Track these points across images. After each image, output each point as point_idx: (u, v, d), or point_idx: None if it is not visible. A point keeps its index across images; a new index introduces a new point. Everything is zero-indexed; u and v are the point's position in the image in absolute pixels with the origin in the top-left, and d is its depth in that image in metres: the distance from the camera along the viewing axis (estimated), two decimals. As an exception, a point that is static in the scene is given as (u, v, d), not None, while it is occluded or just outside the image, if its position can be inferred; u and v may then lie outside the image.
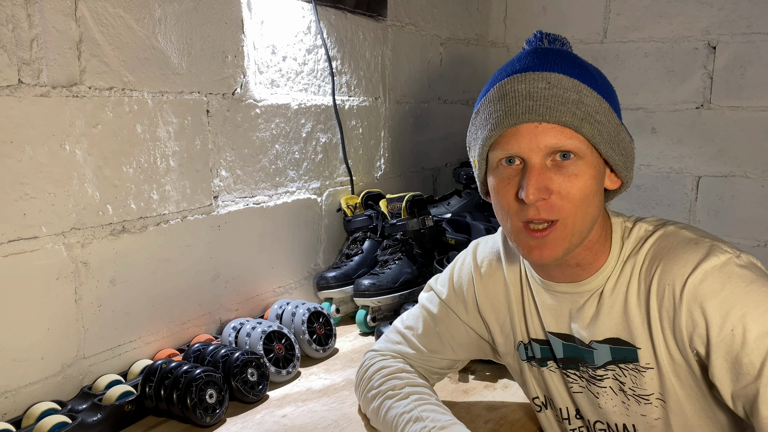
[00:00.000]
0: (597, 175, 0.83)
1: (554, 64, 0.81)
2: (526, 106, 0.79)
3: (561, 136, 0.79)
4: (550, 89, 0.79)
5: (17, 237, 1.00)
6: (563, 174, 0.80)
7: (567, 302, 0.92)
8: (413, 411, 0.93)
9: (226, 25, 1.33)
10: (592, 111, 0.80)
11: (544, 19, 2.29)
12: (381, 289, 1.49)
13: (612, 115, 0.82)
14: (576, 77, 0.80)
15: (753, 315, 0.76)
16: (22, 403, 1.02)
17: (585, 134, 0.80)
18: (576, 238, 0.83)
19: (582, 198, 0.81)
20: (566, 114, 0.79)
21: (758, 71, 1.96)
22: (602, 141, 0.81)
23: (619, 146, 0.84)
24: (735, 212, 2.05)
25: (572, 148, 0.80)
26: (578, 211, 0.81)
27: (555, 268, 0.92)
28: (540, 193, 0.80)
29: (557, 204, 0.81)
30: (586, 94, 0.80)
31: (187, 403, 1.03)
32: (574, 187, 0.81)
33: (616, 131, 0.83)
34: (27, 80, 0.99)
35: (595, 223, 0.86)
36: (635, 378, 0.88)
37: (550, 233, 0.82)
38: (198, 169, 1.30)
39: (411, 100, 2.03)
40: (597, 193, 0.84)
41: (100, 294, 1.13)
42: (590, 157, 0.81)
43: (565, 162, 0.80)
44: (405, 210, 1.59)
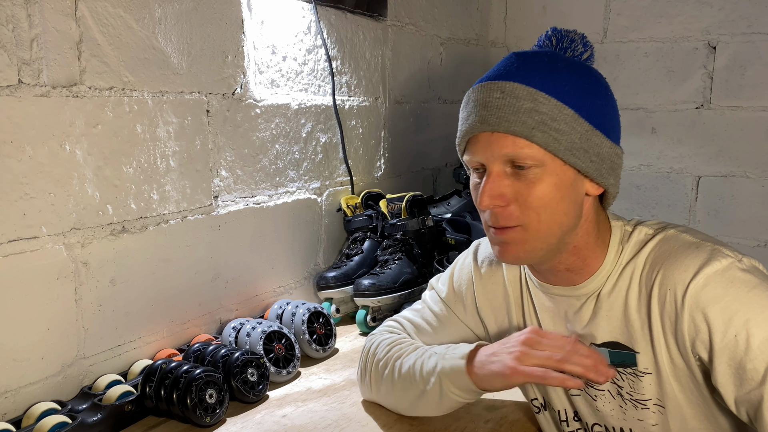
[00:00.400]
0: (560, 182, 0.82)
1: (516, 73, 0.82)
2: (480, 116, 0.82)
3: (513, 146, 0.80)
4: (503, 98, 0.80)
5: (17, 237, 1.00)
6: (522, 181, 0.81)
7: (564, 305, 0.92)
8: (425, 353, 0.95)
9: (226, 25, 1.33)
10: (547, 119, 0.79)
11: (544, 19, 2.29)
12: (381, 289, 1.49)
13: (577, 122, 0.80)
14: (534, 85, 0.80)
15: (756, 320, 0.76)
16: (22, 403, 1.02)
17: (538, 143, 0.79)
18: (541, 244, 0.84)
19: (542, 205, 0.81)
20: (516, 123, 0.79)
21: (758, 71, 1.96)
22: (560, 149, 0.80)
23: (587, 153, 0.81)
24: (735, 212, 2.05)
25: (525, 157, 0.80)
26: (539, 218, 0.82)
27: (548, 272, 0.92)
28: (493, 200, 0.82)
29: (515, 213, 0.82)
30: (543, 102, 0.79)
31: (187, 403, 1.03)
32: (530, 195, 0.81)
33: (584, 137, 0.81)
34: (27, 80, 0.99)
35: (575, 229, 0.85)
36: (633, 382, 0.88)
37: (509, 233, 0.84)
38: (198, 169, 1.30)
39: (411, 100, 2.03)
40: (564, 200, 0.83)
41: (100, 294, 1.13)
42: (551, 164, 0.81)
43: (522, 171, 0.81)
44: (405, 210, 1.59)
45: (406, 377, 0.96)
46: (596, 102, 0.83)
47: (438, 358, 0.92)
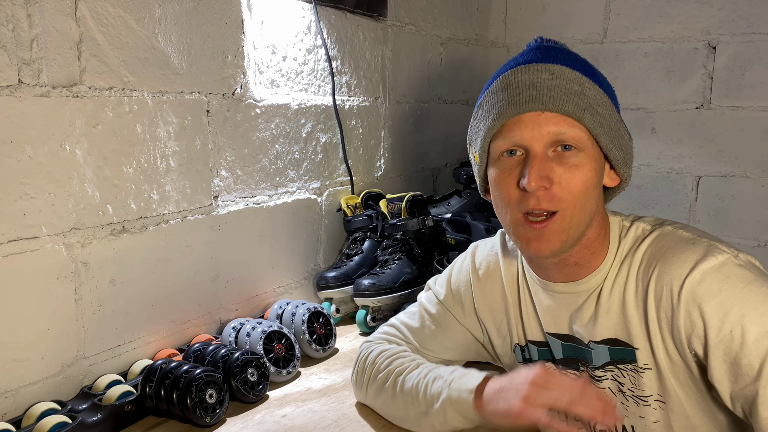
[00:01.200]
0: (597, 168, 0.84)
1: (558, 58, 0.83)
2: (529, 96, 0.81)
3: (563, 125, 0.81)
4: (553, 80, 0.81)
5: (17, 237, 1.00)
6: (564, 165, 0.81)
7: (565, 302, 0.92)
8: (429, 374, 0.94)
9: (226, 25, 1.33)
10: (593, 103, 0.81)
11: (544, 19, 2.29)
12: (381, 289, 1.49)
13: (612, 110, 0.84)
14: (578, 70, 0.82)
15: (752, 316, 0.76)
16: (22, 403, 1.02)
17: (586, 125, 0.81)
18: (573, 232, 0.84)
19: (582, 190, 0.82)
20: (569, 104, 0.80)
21: (758, 71, 1.96)
22: (603, 133, 0.82)
23: (619, 141, 0.85)
24: (735, 212, 2.05)
25: (574, 136, 0.81)
26: (577, 203, 0.82)
27: (553, 268, 0.92)
28: (542, 180, 0.81)
29: (558, 194, 0.81)
30: (588, 86, 0.81)
31: (187, 403, 1.03)
32: (574, 178, 0.81)
33: (617, 126, 0.85)
34: (27, 80, 0.99)
35: (593, 220, 0.87)
36: (634, 379, 0.88)
37: (548, 225, 0.83)
38: (198, 169, 1.30)
39: (411, 100, 2.03)
40: (596, 187, 0.85)
41: (100, 294, 1.13)
42: (591, 149, 0.83)
43: (566, 153, 0.82)
44: (405, 210, 1.59)
45: (408, 395, 0.95)
46: (615, 96, 0.87)
47: (443, 384, 0.90)
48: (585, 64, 0.85)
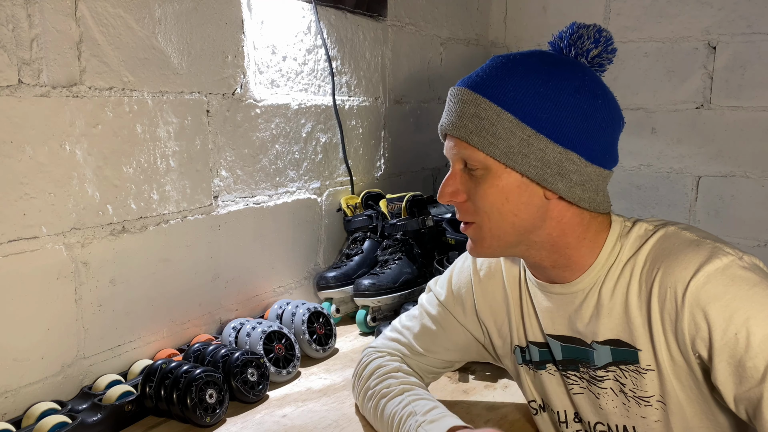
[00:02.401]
0: (504, 185, 0.85)
1: (475, 78, 0.87)
2: (443, 118, 0.90)
3: (460, 148, 0.86)
4: (456, 104, 0.87)
5: (17, 237, 1.00)
6: (473, 181, 0.87)
7: (562, 303, 0.92)
8: (407, 407, 0.95)
9: (226, 25, 1.33)
10: (486, 124, 0.83)
11: (544, 19, 2.29)
12: (381, 289, 1.49)
13: (517, 127, 0.82)
14: (481, 92, 0.85)
15: (757, 318, 0.76)
16: (22, 403, 1.02)
17: (475, 146, 0.84)
18: (496, 241, 0.88)
19: (488, 205, 0.86)
20: (460, 128, 0.85)
21: (758, 71, 1.96)
22: (497, 152, 0.83)
23: (526, 157, 0.82)
24: (735, 212, 2.05)
25: (470, 157, 0.85)
26: (491, 217, 0.86)
27: (538, 269, 0.93)
28: (450, 196, 0.89)
29: (468, 208, 0.88)
30: (484, 107, 0.84)
31: (187, 403, 1.03)
32: (477, 195, 0.86)
33: (525, 142, 0.82)
34: (27, 80, 0.99)
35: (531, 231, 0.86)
36: (636, 380, 0.88)
37: (467, 229, 0.90)
38: (198, 169, 1.30)
39: (411, 100, 2.03)
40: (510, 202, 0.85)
41: (100, 294, 1.13)
42: (494, 168, 0.85)
43: (472, 172, 0.86)
44: (405, 210, 1.59)
45: (386, 421, 0.97)
46: (549, 107, 0.82)
47: (414, 424, 0.91)
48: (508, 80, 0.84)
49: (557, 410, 1.00)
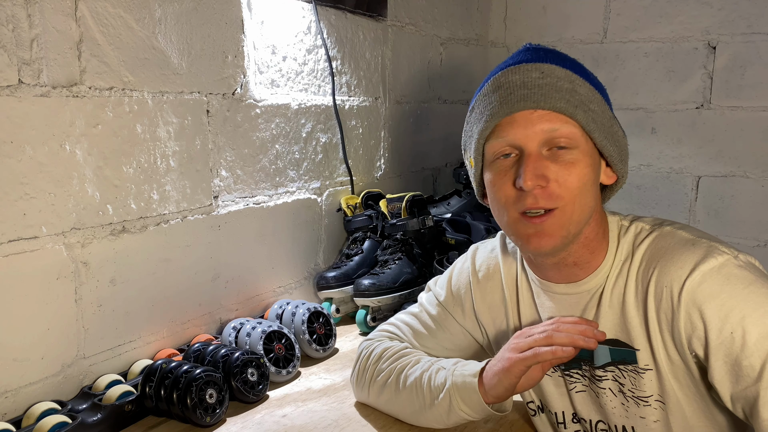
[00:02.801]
0: (593, 164, 0.84)
1: (547, 57, 0.84)
2: (520, 95, 0.82)
3: (556, 122, 0.81)
4: (543, 78, 0.82)
5: (17, 237, 1.00)
6: (559, 162, 0.82)
7: (566, 304, 0.92)
8: (432, 366, 0.96)
9: (227, 25, 1.33)
10: (585, 100, 0.82)
11: (544, 20, 2.29)
12: (381, 289, 1.49)
13: (605, 107, 0.85)
14: (570, 68, 0.83)
15: (753, 317, 0.76)
16: (22, 402, 1.02)
17: (579, 121, 0.82)
18: (573, 228, 0.84)
19: (579, 186, 0.82)
20: (560, 101, 0.81)
21: (758, 71, 1.96)
22: (596, 129, 0.83)
23: (613, 137, 0.85)
24: (735, 212, 2.05)
25: (567, 133, 0.82)
26: (576, 200, 0.82)
27: (553, 268, 0.91)
28: (537, 179, 0.81)
29: (555, 192, 0.82)
30: (579, 84, 0.83)
31: (187, 402, 1.03)
32: (571, 175, 0.82)
33: (610, 123, 0.85)
34: (27, 80, 0.99)
35: (592, 217, 0.87)
36: (634, 380, 0.88)
37: (547, 219, 0.83)
38: (198, 169, 1.30)
39: (411, 100, 2.03)
40: (594, 183, 0.85)
41: (100, 294, 1.13)
42: (585, 146, 0.83)
43: (560, 151, 0.82)
44: (405, 210, 1.59)
45: (411, 389, 0.96)
46: (607, 94, 0.87)
47: (447, 374, 0.93)
48: (575, 63, 0.86)
49: (555, 411, 1.00)
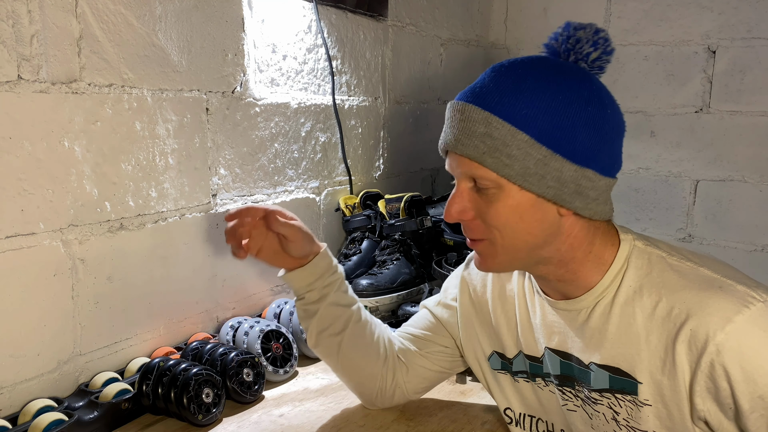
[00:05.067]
0: (518, 205, 0.81)
1: (479, 94, 0.81)
2: (445, 134, 0.85)
3: (470, 166, 0.82)
4: (462, 121, 0.82)
5: (15, 233, 1.00)
6: (483, 199, 0.83)
7: (567, 319, 0.89)
8: None
9: (227, 23, 1.33)
10: (499, 145, 0.79)
11: (544, 21, 2.30)
12: (379, 289, 1.48)
13: (533, 147, 0.78)
14: (491, 109, 0.79)
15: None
16: (18, 399, 1.02)
17: (489, 167, 0.80)
18: (509, 257, 0.85)
19: (501, 224, 0.82)
20: (469, 147, 0.80)
21: (758, 76, 1.97)
22: (512, 174, 0.79)
23: (543, 178, 0.79)
24: (733, 216, 2.05)
25: (482, 176, 0.81)
26: (503, 233, 0.83)
27: (544, 282, 0.91)
28: (458, 215, 0.85)
29: (478, 226, 0.85)
30: (496, 127, 0.79)
31: (183, 401, 1.03)
32: (489, 213, 0.82)
33: (542, 163, 0.79)
34: (26, 76, 0.99)
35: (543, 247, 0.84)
36: (631, 411, 0.84)
37: (478, 245, 0.87)
38: (197, 167, 1.29)
39: (411, 101, 2.02)
40: (525, 220, 0.82)
41: (97, 291, 1.13)
42: (507, 187, 0.81)
43: (483, 189, 0.82)
44: (403, 210, 1.59)
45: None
46: (562, 124, 0.79)
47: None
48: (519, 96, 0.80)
49: (546, 420, 0.97)
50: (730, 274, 0.81)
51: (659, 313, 0.81)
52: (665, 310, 0.80)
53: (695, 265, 0.82)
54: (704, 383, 0.77)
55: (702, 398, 0.78)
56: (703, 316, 0.77)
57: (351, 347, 1.04)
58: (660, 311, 0.81)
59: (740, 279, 0.80)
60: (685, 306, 0.79)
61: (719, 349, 0.75)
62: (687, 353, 0.78)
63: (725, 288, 0.78)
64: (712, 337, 0.75)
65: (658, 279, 0.83)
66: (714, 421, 0.78)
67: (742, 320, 0.75)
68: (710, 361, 0.76)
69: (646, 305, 0.82)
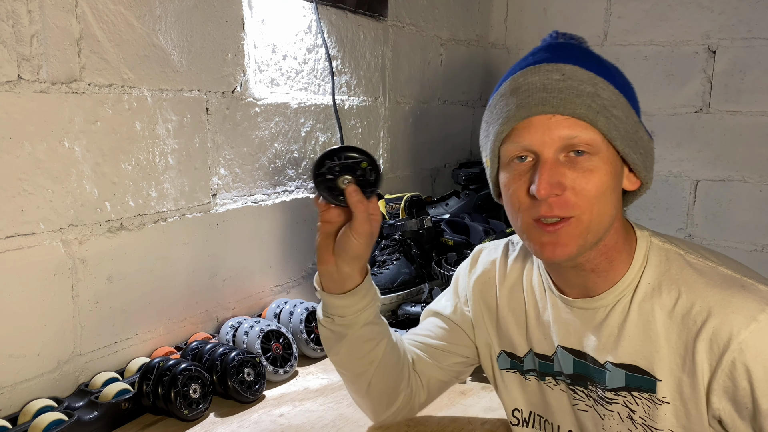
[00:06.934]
0: (613, 172, 0.79)
1: (570, 57, 0.79)
2: (539, 98, 0.77)
3: (576, 128, 0.76)
4: (564, 81, 0.77)
5: (15, 233, 1.00)
6: (577, 169, 0.77)
7: (584, 318, 0.87)
8: None
9: (227, 23, 1.33)
10: (608, 105, 0.77)
11: (544, 21, 2.30)
12: (379, 289, 1.48)
13: (630, 112, 0.80)
14: (592, 70, 0.78)
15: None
16: (18, 399, 1.02)
17: (600, 128, 0.77)
18: (591, 237, 0.80)
19: (597, 195, 0.78)
20: (581, 106, 0.76)
21: (758, 76, 1.97)
22: (618, 136, 0.78)
23: (637, 144, 0.80)
24: (733, 216, 2.05)
25: (587, 140, 0.77)
26: (594, 208, 0.78)
27: (571, 274, 0.86)
28: (552, 188, 0.77)
29: (571, 200, 0.77)
30: (603, 87, 0.77)
31: (171, 396, 1.03)
32: (588, 183, 0.77)
33: (635, 128, 0.80)
34: (26, 76, 0.99)
35: (612, 225, 0.82)
36: (648, 409, 0.83)
37: (562, 228, 0.78)
38: (197, 167, 1.29)
39: (411, 101, 2.02)
40: (614, 191, 0.80)
41: (97, 291, 1.13)
42: (605, 152, 0.78)
43: (578, 158, 0.77)
44: (403, 210, 1.59)
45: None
46: (634, 96, 0.83)
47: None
48: (601, 62, 0.81)
49: (553, 422, 0.96)
50: (749, 273, 0.81)
51: (679, 311, 0.80)
52: (685, 308, 0.79)
53: (714, 264, 0.82)
54: (723, 382, 0.77)
55: (718, 397, 0.77)
56: (726, 314, 0.76)
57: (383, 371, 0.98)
58: (680, 308, 0.80)
59: (760, 279, 0.80)
60: (706, 304, 0.78)
61: (743, 347, 0.74)
62: (708, 351, 0.77)
63: (747, 287, 0.78)
64: (736, 335, 0.75)
65: (677, 276, 0.82)
66: (728, 420, 0.78)
67: (766, 319, 0.74)
68: (732, 359, 0.75)
69: (666, 302, 0.81)
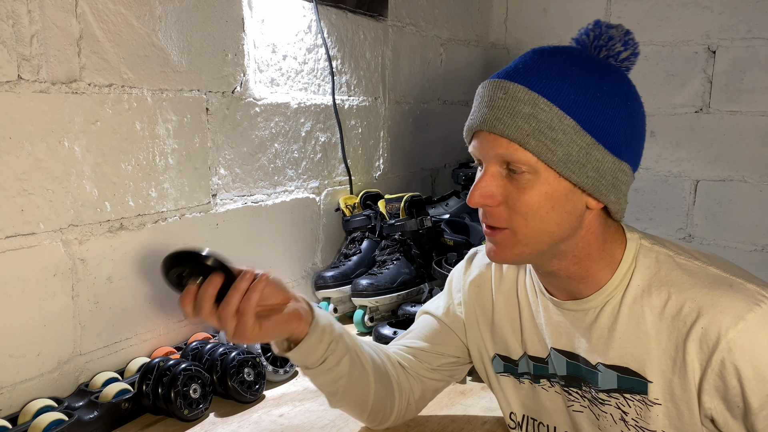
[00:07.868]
0: (552, 193, 0.79)
1: (524, 74, 0.79)
2: (482, 114, 0.80)
3: (508, 148, 0.78)
4: (505, 100, 0.78)
5: (15, 233, 1.00)
6: (513, 185, 0.79)
7: (574, 320, 0.88)
8: None
9: (227, 23, 1.33)
10: (544, 128, 0.76)
11: (544, 21, 2.30)
12: (379, 289, 1.49)
13: (578, 134, 0.77)
14: (539, 90, 0.77)
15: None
16: (18, 399, 1.02)
17: (531, 150, 0.77)
18: (529, 249, 0.82)
19: (530, 212, 0.79)
20: (511, 127, 0.77)
21: (758, 76, 1.97)
22: (554, 160, 0.77)
23: (584, 167, 0.78)
24: (733, 216, 2.05)
25: (519, 160, 0.78)
26: (528, 224, 0.79)
27: (552, 279, 0.88)
28: (483, 199, 0.80)
29: (503, 214, 0.80)
30: (543, 108, 0.76)
31: (171, 396, 1.03)
32: (519, 200, 0.79)
33: (584, 151, 0.77)
34: (26, 76, 0.99)
35: (565, 240, 0.82)
36: (640, 410, 0.84)
37: (498, 235, 0.82)
38: (197, 167, 1.29)
39: (411, 101, 2.02)
40: (555, 210, 0.79)
41: (97, 291, 1.13)
42: (545, 174, 0.78)
43: (515, 175, 0.79)
44: (403, 210, 1.59)
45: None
46: (606, 114, 0.79)
47: None
48: (566, 78, 0.78)
49: (548, 424, 0.96)
50: (739, 272, 0.81)
51: (669, 312, 0.80)
52: (675, 309, 0.80)
53: (703, 264, 0.82)
54: (713, 381, 0.77)
55: (710, 396, 0.78)
56: (714, 314, 0.76)
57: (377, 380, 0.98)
58: (669, 309, 0.80)
59: (749, 278, 0.80)
60: (695, 304, 0.78)
61: (731, 347, 0.75)
62: (698, 351, 0.77)
63: (735, 286, 0.78)
64: (724, 334, 0.75)
65: (666, 277, 0.82)
66: (720, 420, 0.78)
67: (754, 318, 0.75)
68: (721, 359, 0.75)
69: (655, 304, 0.81)
